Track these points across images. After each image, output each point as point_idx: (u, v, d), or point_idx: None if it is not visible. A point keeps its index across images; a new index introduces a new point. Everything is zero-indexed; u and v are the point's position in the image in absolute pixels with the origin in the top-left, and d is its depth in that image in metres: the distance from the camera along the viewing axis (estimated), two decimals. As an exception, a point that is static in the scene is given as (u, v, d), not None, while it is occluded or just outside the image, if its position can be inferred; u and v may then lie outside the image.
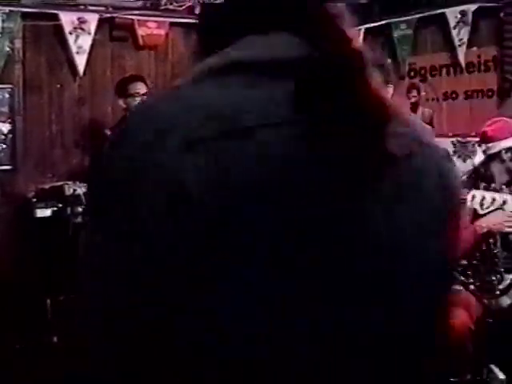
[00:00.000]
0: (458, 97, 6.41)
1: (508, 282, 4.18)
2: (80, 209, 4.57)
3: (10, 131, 5.85)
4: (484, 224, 4.18)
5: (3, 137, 5.83)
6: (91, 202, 0.99)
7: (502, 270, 4.18)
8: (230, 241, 0.87)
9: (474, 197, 3.78)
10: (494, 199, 3.74)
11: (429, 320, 1.06)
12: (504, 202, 3.73)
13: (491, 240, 4.21)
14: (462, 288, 4.37)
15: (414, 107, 6.77)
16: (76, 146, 6.26)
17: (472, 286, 4.30)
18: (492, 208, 3.75)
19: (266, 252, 0.89)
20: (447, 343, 4.18)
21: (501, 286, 4.17)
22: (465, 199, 3.84)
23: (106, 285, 0.94)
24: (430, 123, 6.55)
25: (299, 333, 0.91)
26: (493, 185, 4.16)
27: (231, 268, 0.88)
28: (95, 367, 1.00)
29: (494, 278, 4.21)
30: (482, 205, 3.76)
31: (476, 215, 4.15)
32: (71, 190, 4.64)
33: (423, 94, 6.72)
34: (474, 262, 4.32)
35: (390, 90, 4.34)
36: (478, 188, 4.06)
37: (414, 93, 6.78)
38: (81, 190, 4.64)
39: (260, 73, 0.98)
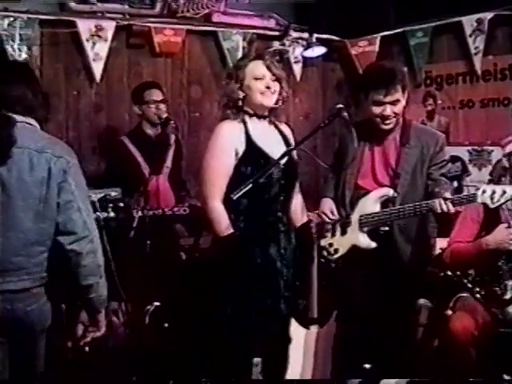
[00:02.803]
0: (474, 105, 6.39)
1: (513, 291, 4.19)
2: (94, 215, 4.58)
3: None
4: (491, 241, 4.18)
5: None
6: None
7: (508, 282, 4.19)
8: None
9: (484, 191, 3.79)
10: (504, 191, 3.75)
11: None
12: None
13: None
14: (468, 295, 4.38)
15: (430, 115, 6.76)
16: (93, 152, 6.29)
17: (478, 295, 4.31)
18: (502, 200, 3.76)
19: None
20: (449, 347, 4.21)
21: (507, 296, 4.17)
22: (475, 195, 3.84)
23: None
24: (446, 131, 6.53)
25: None
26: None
27: None
28: None
29: (498, 289, 4.21)
30: (492, 198, 3.75)
31: (487, 209, 4.15)
32: (86, 197, 4.65)
33: (439, 102, 6.70)
34: (480, 271, 4.33)
35: (405, 96, 4.32)
36: None
37: (430, 101, 6.77)
38: (96, 196, 4.63)
39: None
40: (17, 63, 4.50)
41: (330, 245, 4.31)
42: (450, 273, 4.61)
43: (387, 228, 4.27)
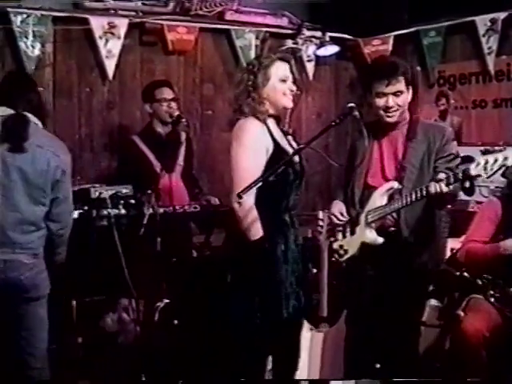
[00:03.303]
0: (486, 105, 6.37)
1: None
2: (105, 212, 4.59)
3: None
4: (510, 246, 4.17)
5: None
6: None
7: None
8: None
9: (478, 164, 3.69)
10: (496, 159, 3.64)
11: None
12: (505, 158, 3.60)
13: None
14: (480, 296, 4.36)
15: (443, 115, 6.75)
16: (105, 149, 6.30)
17: (492, 299, 4.29)
18: (495, 168, 3.66)
19: None
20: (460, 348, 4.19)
21: None
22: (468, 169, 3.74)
23: None
24: (459, 131, 6.52)
25: None
26: None
27: None
28: None
29: None
30: (485, 168, 3.66)
31: (505, 210, 4.09)
32: (97, 193, 4.64)
33: (452, 102, 6.69)
34: (494, 274, 4.31)
35: (410, 90, 4.29)
36: None
37: (443, 101, 6.76)
38: (107, 193, 4.65)
39: None
40: (24, 73, 5.17)
41: (341, 246, 4.30)
42: (466, 274, 4.59)
43: (395, 228, 4.25)
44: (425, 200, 4.02)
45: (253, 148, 3.92)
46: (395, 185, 4.17)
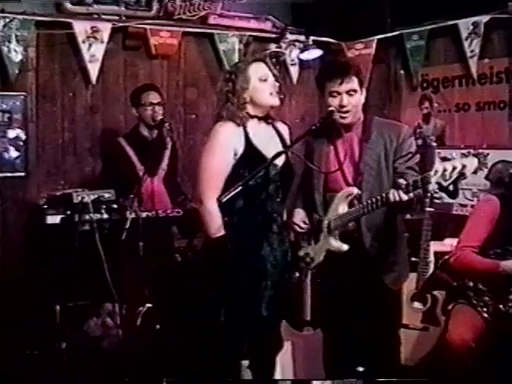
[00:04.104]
0: (470, 108, 6.40)
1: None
2: (88, 217, 4.59)
3: (22, 138, 5.90)
4: (509, 268, 4.17)
5: (16, 144, 5.87)
6: None
7: None
8: None
9: (436, 171, 3.62)
10: (454, 167, 3.58)
11: None
12: (464, 167, 3.57)
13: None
14: (468, 306, 4.36)
15: (427, 118, 6.78)
16: (88, 153, 6.29)
17: (486, 315, 4.30)
18: (454, 176, 3.60)
19: None
20: (446, 358, 4.19)
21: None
22: (428, 177, 3.69)
23: None
24: (442, 135, 6.55)
25: None
26: None
27: None
28: None
29: (501, 306, 4.24)
30: (444, 176, 3.63)
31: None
32: (79, 198, 4.65)
33: (435, 105, 6.71)
34: (489, 288, 4.33)
35: (363, 92, 4.24)
36: None
37: (427, 104, 6.79)
38: (89, 198, 4.65)
39: None
40: None
41: (307, 254, 4.22)
42: (458, 281, 4.57)
43: (357, 234, 4.20)
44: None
45: (218, 149, 3.98)
46: (354, 191, 4.05)
